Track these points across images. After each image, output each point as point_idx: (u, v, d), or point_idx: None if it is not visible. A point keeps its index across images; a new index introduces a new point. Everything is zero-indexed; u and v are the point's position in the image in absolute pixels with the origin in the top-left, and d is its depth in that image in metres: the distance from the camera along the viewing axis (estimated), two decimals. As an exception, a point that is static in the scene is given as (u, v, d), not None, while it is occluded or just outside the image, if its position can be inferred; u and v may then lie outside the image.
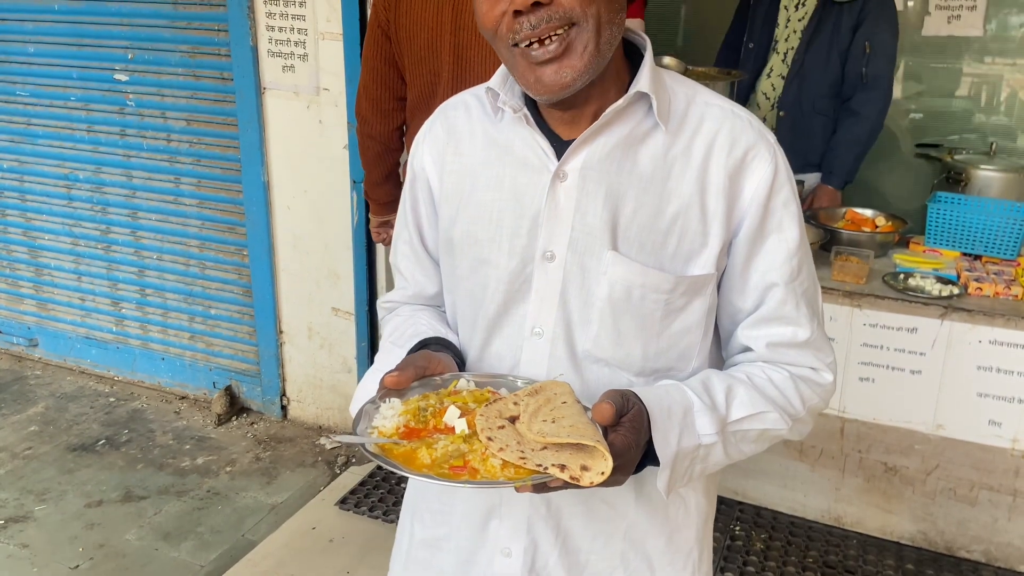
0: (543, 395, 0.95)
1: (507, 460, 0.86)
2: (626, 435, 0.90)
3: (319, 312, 3.32)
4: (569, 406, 0.93)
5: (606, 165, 1.03)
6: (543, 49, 0.94)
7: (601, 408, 0.89)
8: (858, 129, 3.00)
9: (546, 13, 0.92)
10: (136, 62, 3.33)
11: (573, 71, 0.95)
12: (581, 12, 0.93)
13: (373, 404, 0.98)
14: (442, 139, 1.15)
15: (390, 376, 0.97)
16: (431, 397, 0.99)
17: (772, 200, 1.04)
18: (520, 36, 0.93)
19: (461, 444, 0.90)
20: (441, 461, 0.88)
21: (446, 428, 0.93)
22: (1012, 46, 3.73)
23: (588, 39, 0.95)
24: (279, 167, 3.20)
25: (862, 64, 2.93)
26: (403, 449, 0.91)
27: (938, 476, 2.57)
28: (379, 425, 0.94)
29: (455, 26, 2.08)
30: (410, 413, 0.95)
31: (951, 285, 2.52)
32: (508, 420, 0.92)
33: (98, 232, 3.67)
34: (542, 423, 0.90)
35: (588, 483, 0.84)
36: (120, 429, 3.43)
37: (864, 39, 2.92)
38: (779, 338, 1.07)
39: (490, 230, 1.08)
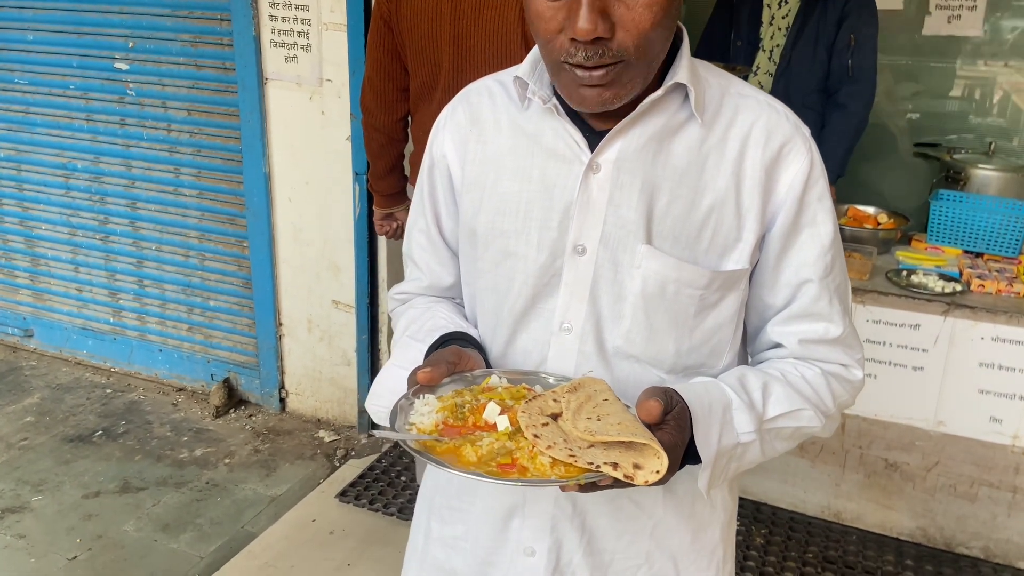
0: (583, 392, 0.93)
1: (556, 458, 0.84)
2: (672, 433, 0.88)
3: (319, 304, 3.31)
4: (611, 403, 0.91)
5: (641, 157, 1.01)
6: (590, 74, 0.92)
7: (649, 406, 0.87)
8: (846, 122, 3.01)
9: (602, 47, 0.90)
10: (137, 51, 3.31)
11: (615, 96, 0.94)
12: (635, 51, 0.91)
13: (407, 400, 0.95)
14: (464, 126, 1.11)
15: (423, 372, 0.95)
16: (466, 394, 0.96)
17: (807, 194, 1.02)
18: (573, 61, 0.92)
19: (507, 441, 0.87)
20: (487, 459, 0.86)
21: (487, 425, 0.91)
22: (1010, 47, 3.75)
23: (635, 75, 0.94)
24: (281, 158, 3.18)
25: (847, 57, 2.95)
26: (446, 446, 0.88)
27: (938, 472, 2.59)
28: (417, 422, 0.92)
29: (454, 16, 2.08)
30: (447, 410, 0.93)
31: (954, 282, 2.53)
32: (550, 417, 0.89)
33: (96, 222, 3.65)
34: (587, 420, 0.87)
35: (643, 482, 0.82)
36: (117, 420, 3.41)
37: (849, 32, 2.94)
38: (811, 335, 1.06)
39: (517, 222, 1.06)
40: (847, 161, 3.12)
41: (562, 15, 0.90)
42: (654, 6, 0.90)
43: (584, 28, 0.87)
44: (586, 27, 0.87)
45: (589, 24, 0.87)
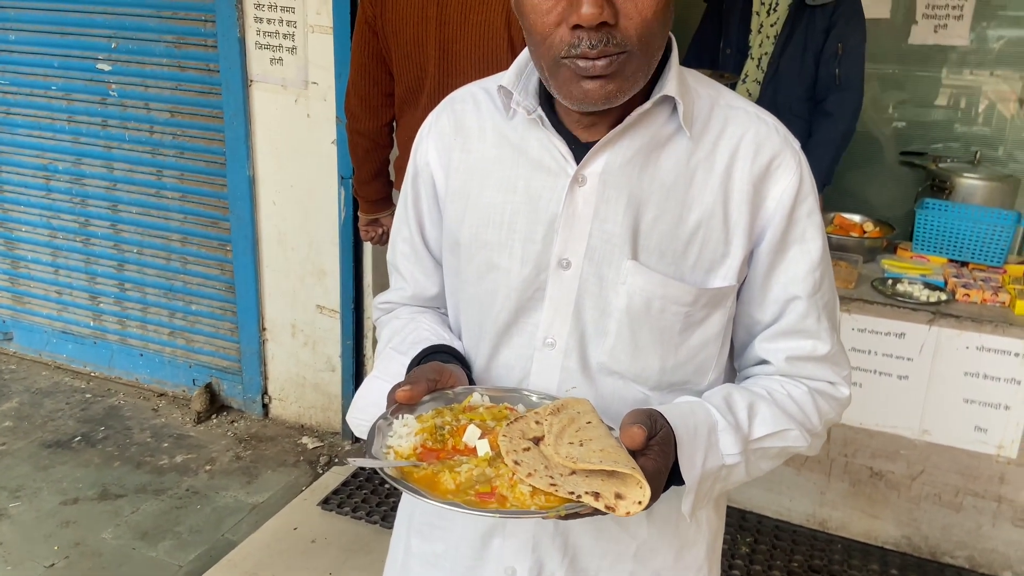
0: (566, 414, 0.90)
1: (537, 487, 0.81)
2: (656, 459, 0.86)
3: (303, 309, 3.28)
4: (595, 426, 0.88)
5: (628, 170, 0.98)
6: (593, 64, 0.89)
7: (632, 432, 0.85)
8: (833, 131, 3.02)
9: (607, 35, 0.88)
10: (119, 51, 3.27)
11: (618, 89, 0.92)
12: (638, 41, 0.90)
13: (385, 420, 0.92)
14: (449, 134, 1.09)
15: (402, 391, 0.92)
16: (446, 413, 0.94)
17: (797, 210, 1.00)
18: (577, 51, 0.89)
19: (486, 468, 0.85)
20: (466, 486, 0.83)
21: (466, 449, 0.88)
22: (995, 57, 3.77)
23: (638, 68, 0.92)
24: (265, 161, 3.15)
25: (835, 65, 2.96)
26: (424, 472, 0.85)
27: (923, 481, 2.58)
28: (395, 445, 0.89)
29: (440, 20, 2.06)
30: (427, 431, 0.90)
31: (939, 291, 2.53)
32: (532, 441, 0.87)
33: (77, 224, 3.60)
34: (569, 446, 0.85)
35: (624, 513, 0.80)
36: (96, 426, 3.36)
37: (837, 41, 2.95)
38: (799, 352, 1.04)
39: (501, 234, 1.03)
40: (834, 170, 3.12)
41: (562, 6, 0.89)
42: None
43: (590, 12, 0.85)
44: (592, 11, 0.85)
45: (595, 8, 0.85)
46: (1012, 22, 3.71)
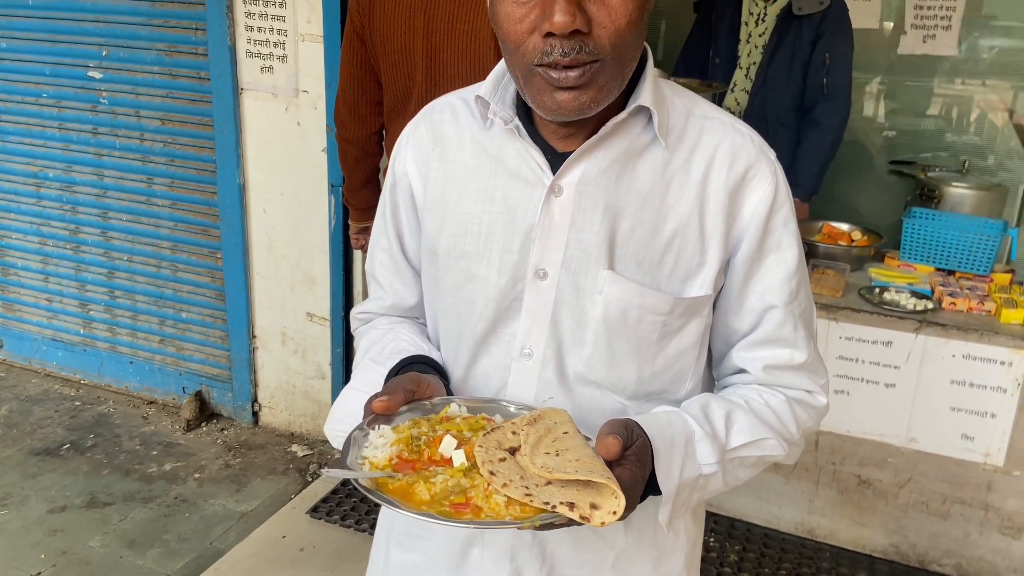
0: (542, 424, 0.90)
1: (512, 497, 0.81)
2: (632, 469, 0.86)
3: (293, 317, 3.28)
4: (571, 436, 0.88)
5: (604, 180, 0.99)
6: (566, 74, 0.89)
7: (607, 442, 0.85)
8: (821, 140, 3.06)
9: (580, 43, 0.88)
10: (111, 59, 3.27)
11: (592, 99, 0.92)
12: (611, 50, 0.89)
13: (361, 431, 0.92)
14: (427, 143, 1.09)
15: (379, 402, 0.92)
16: (423, 424, 0.93)
17: (772, 219, 1.01)
18: (550, 59, 0.89)
19: (461, 478, 0.85)
20: (441, 497, 0.83)
21: (442, 459, 0.88)
22: (984, 66, 3.79)
23: (611, 76, 0.92)
24: (255, 169, 3.16)
25: (822, 75, 2.98)
26: (399, 483, 0.85)
27: (911, 489, 2.59)
28: (370, 456, 0.89)
29: (427, 30, 2.07)
30: (402, 442, 0.90)
31: (925, 300, 2.54)
32: (508, 451, 0.87)
33: (67, 232, 3.60)
34: (545, 456, 0.85)
35: (599, 523, 0.79)
36: (86, 434, 3.36)
37: (824, 51, 2.98)
38: (776, 360, 1.05)
39: (479, 244, 1.04)
40: (822, 178, 3.14)
41: (535, 14, 0.88)
42: (629, 3, 0.89)
43: (562, 20, 0.85)
44: (564, 19, 0.85)
45: (567, 16, 0.85)
46: (1001, 32, 3.74)
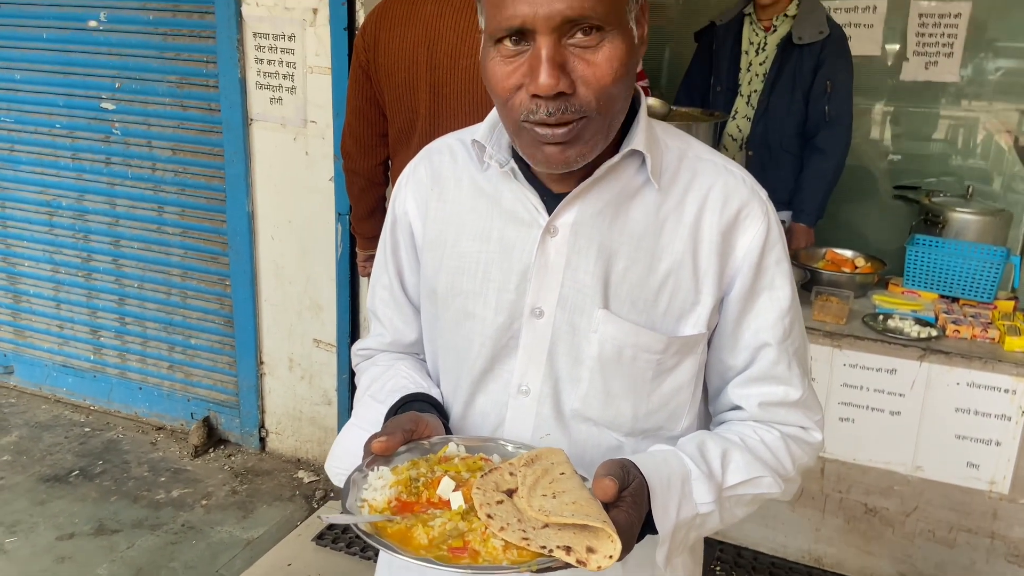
0: (540, 465, 0.91)
1: (509, 541, 0.81)
2: (629, 511, 0.86)
3: (300, 343, 3.31)
4: (568, 478, 0.89)
5: (598, 221, 1.01)
6: (552, 132, 0.91)
7: (604, 485, 0.85)
8: (825, 166, 3.08)
9: (564, 103, 0.89)
10: (123, 91, 3.34)
11: (578, 154, 0.93)
12: (597, 106, 0.91)
13: (360, 473, 0.93)
14: (426, 184, 1.11)
15: (378, 443, 0.93)
16: (421, 464, 0.94)
17: (765, 258, 1.03)
18: (535, 117, 0.91)
19: (459, 522, 0.85)
20: (439, 541, 0.84)
21: (441, 501, 0.89)
22: (988, 90, 3.81)
23: (597, 130, 0.93)
24: (264, 197, 3.20)
25: (824, 102, 3.02)
26: (397, 527, 0.86)
27: (917, 518, 2.58)
28: (369, 498, 0.89)
29: (430, 65, 2.12)
30: (401, 484, 0.90)
31: (929, 327, 2.54)
32: (505, 493, 0.88)
33: (79, 259, 3.64)
34: (542, 498, 0.85)
35: (595, 567, 0.80)
36: (95, 460, 3.38)
37: (825, 79, 3.01)
38: (771, 397, 1.06)
39: (476, 283, 1.06)
40: (826, 204, 3.16)
41: (521, 72, 0.90)
42: (614, 61, 0.90)
43: (546, 83, 0.87)
44: (548, 82, 0.87)
45: (551, 79, 0.87)
46: (1004, 54, 3.76)
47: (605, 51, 0.90)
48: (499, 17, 0.89)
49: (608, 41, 0.90)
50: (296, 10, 2.93)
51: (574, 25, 0.88)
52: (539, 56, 0.88)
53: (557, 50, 0.88)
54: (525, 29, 0.88)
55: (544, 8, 0.86)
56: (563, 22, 0.87)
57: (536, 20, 0.87)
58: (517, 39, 0.90)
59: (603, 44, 0.90)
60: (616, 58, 0.90)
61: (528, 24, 0.88)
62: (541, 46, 0.88)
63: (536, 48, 0.89)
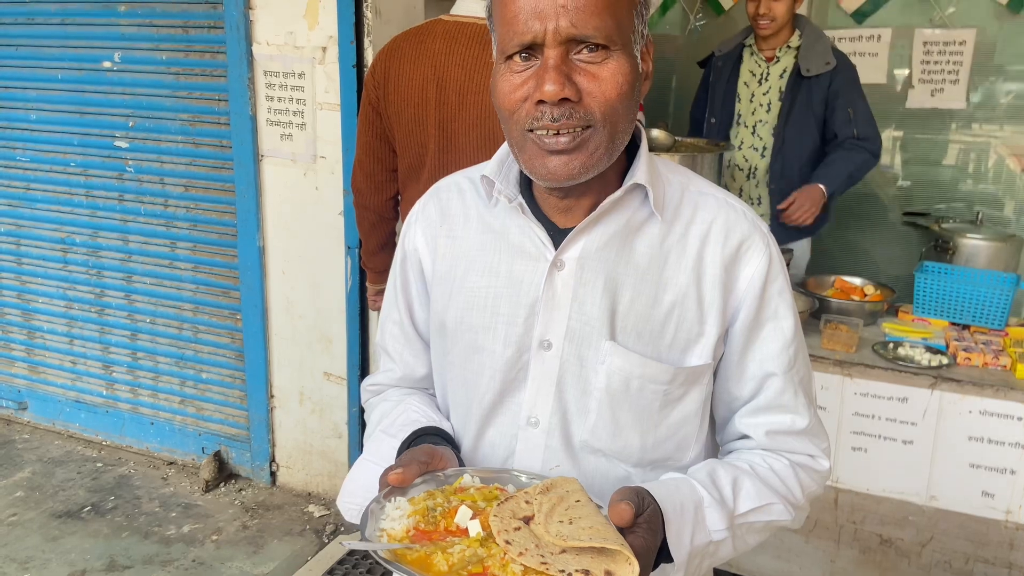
0: (555, 493, 0.92)
1: (528, 566, 0.82)
2: (645, 536, 0.88)
3: (310, 377, 3.32)
4: (583, 505, 0.90)
5: (604, 254, 1.03)
6: (556, 139, 0.94)
7: (620, 509, 0.86)
8: (856, 155, 3.03)
9: (569, 109, 0.93)
10: (136, 130, 3.39)
11: (582, 165, 0.96)
12: (601, 117, 0.94)
13: (378, 504, 0.94)
14: (435, 221, 1.14)
15: (394, 474, 0.94)
16: (438, 495, 0.95)
17: (768, 289, 1.05)
18: (540, 124, 0.94)
19: (478, 548, 0.86)
20: (459, 567, 0.84)
21: (458, 530, 0.90)
22: (997, 115, 3.82)
23: (601, 142, 0.96)
24: (275, 232, 3.23)
25: (852, 128, 3.02)
26: (417, 554, 0.86)
27: (933, 548, 2.54)
28: (388, 528, 0.90)
29: (439, 102, 2.15)
30: (419, 513, 0.92)
31: (940, 355, 2.53)
32: (522, 520, 0.88)
33: (92, 295, 3.68)
34: (559, 524, 0.87)
35: None
36: (106, 495, 3.38)
37: (846, 107, 3.02)
38: (778, 426, 1.08)
39: (485, 317, 1.07)
40: (845, 187, 3.07)
41: (529, 84, 0.94)
42: (619, 76, 0.94)
43: (551, 89, 0.91)
44: (553, 88, 0.91)
45: (556, 85, 0.91)
46: (1013, 78, 3.77)
47: (610, 67, 0.93)
48: (510, 33, 0.94)
49: (614, 59, 0.94)
50: (306, 48, 2.99)
51: (580, 43, 0.92)
52: (546, 66, 0.92)
53: (564, 61, 0.92)
54: (535, 44, 0.93)
55: (552, 23, 0.91)
56: (570, 38, 0.92)
57: (545, 35, 0.91)
58: (527, 55, 0.94)
59: (608, 61, 0.94)
60: (621, 74, 0.94)
61: (538, 39, 0.92)
62: (548, 57, 0.92)
63: (544, 60, 0.93)
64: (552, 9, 0.90)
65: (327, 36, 2.94)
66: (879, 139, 3.07)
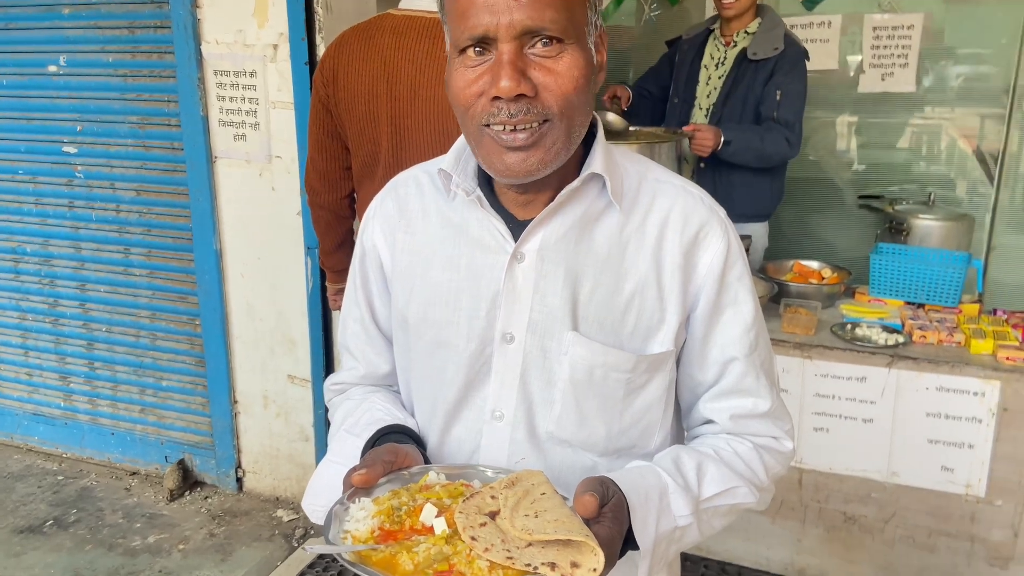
0: (520, 486, 0.92)
1: (494, 561, 0.82)
2: (610, 526, 0.88)
3: (274, 380, 3.28)
4: (549, 497, 0.90)
5: (563, 245, 1.03)
6: (514, 136, 0.93)
7: (585, 500, 0.86)
8: (769, 133, 3.02)
9: (526, 105, 0.92)
10: (85, 134, 3.32)
11: (539, 161, 0.95)
12: (558, 111, 0.93)
13: (342, 505, 0.93)
14: (393, 216, 1.13)
15: (358, 475, 0.93)
16: (402, 494, 0.94)
17: (727, 275, 1.05)
18: (496, 120, 0.93)
19: (444, 546, 0.86)
20: (424, 566, 0.84)
21: (424, 528, 0.89)
22: (949, 97, 3.89)
23: (558, 137, 0.95)
24: (232, 234, 3.19)
25: (774, 109, 3.05)
26: (382, 555, 0.86)
27: (896, 524, 2.59)
28: (352, 529, 0.90)
29: (390, 97, 2.13)
30: (384, 514, 0.91)
31: (896, 334, 2.57)
32: (488, 516, 0.88)
33: (46, 305, 3.60)
34: (524, 518, 0.87)
35: None
36: (68, 509, 3.31)
37: (776, 88, 3.05)
38: (741, 410, 1.09)
39: (447, 312, 1.07)
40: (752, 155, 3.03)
41: (484, 80, 0.93)
42: (574, 70, 0.93)
43: (507, 85, 0.90)
44: (508, 84, 0.90)
45: (512, 81, 0.90)
46: (963, 60, 3.84)
47: (566, 60, 0.93)
48: (463, 27, 0.93)
49: (568, 53, 0.93)
50: (256, 46, 2.94)
51: (534, 35, 0.91)
52: (500, 61, 0.91)
53: (519, 56, 0.91)
54: (488, 38, 0.91)
55: (506, 17, 0.90)
56: (524, 31, 0.91)
57: (498, 28, 0.90)
58: (480, 49, 0.93)
59: (563, 55, 0.93)
60: (576, 67, 0.93)
61: (491, 32, 0.91)
62: (503, 52, 0.91)
63: (498, 54, 0.92)
64: (504, 2, 0.89)
65: (278, 33, 2.90)
66: (799, 130, 3.08)
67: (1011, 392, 2.38)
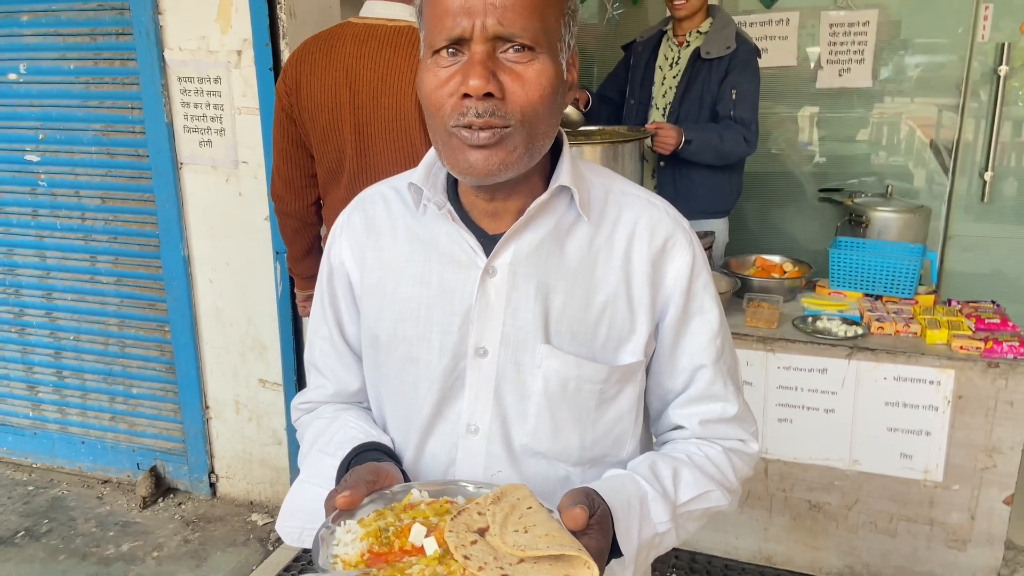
0: (507, 501, 0.91)
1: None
2: (598, 538, 0.89)
3: (245, 385, 3.28)
4: (536, 511, 0.90)
5: (535, 259, 1.04)
6: (477, 135, 0.95)
7: (575, 514, 0.87)
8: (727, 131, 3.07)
9: (493, 106, 0.94)
10: (47, 142, 3.29)
11: (501, 162, 0.96)
12: (522, 118, 0.95)
13: (327, 529, 0.91)
14: (361, 233, 1.13)
15: (341, 497, 0.91)
16: (388, 514, 0.93)
17: (694, 284, 1.08)
18: (464, 120, 0.94)
19: (437, 566, 0.84)
20: None
21: (413, 548, 0.88)
22: (906, 88, 3.97)
23: (519, 142, 0.97)
24: (199, 241, 3.18)
25: (730, 109, 3.11)
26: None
27: (859, 510, 2.67)
28: (341, 553, 0.88)
29: (353, 105, 2.14)
30: (371, 535, 0.89)
31: (855, 326, 2.64)
32: (478, 533, 0.88)
33: (11, 315, 3.56)
34: (515, 534, 0.86)
35: None
36: (40, 519, 3.29)
37: (730, 87, 3.12)
38: (711, 415, 1.11)
39: (418, 328, 1.07)
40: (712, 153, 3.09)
41: (455, 81, 0.95)
42: (543, 79, 0.96)
43: (476, 83, 0.92)
44: (478, 83, 0.92)
45: (481, 79, 0.92)
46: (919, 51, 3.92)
47: (535, 68, 0.95)
48: (439, 27, 0.95)
49: (539, 62, 0.96)
50: (220, 53, 2.94)
51: (508, 41, 0.94)
52: (472, 60, 0.94)
53: (490, 57, 0.94)
54: (463, 39, 0.94)
55: (481, 20, 0.92)
56: (497, 35, 0.93)
57: (473, 30, 0.93)
58: (454, 50, 0.95)
59: (534, 63, 0.95)
60: (545, 76, 0.96)
61: (466, 34, 0.93)
62: (475, 52, 0.94)
63: (471, 55, 0.94)
64: (481, 6, 0.92)
65: (241, 39, 2.89)
66: (755, 128, 3.15)
67: (965, 380, 2.46)
